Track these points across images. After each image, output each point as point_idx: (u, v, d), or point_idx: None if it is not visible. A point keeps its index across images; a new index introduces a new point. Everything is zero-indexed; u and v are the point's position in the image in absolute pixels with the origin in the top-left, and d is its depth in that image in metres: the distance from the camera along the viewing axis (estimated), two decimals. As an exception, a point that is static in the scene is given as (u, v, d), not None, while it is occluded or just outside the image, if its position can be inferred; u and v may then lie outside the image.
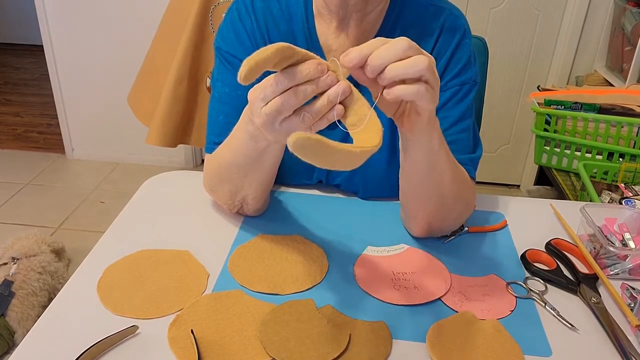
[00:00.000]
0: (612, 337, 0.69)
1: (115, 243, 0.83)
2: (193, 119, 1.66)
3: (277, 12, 0.88)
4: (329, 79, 0.57)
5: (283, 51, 0.54)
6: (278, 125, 0.60)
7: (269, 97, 0.59)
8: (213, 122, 0.90)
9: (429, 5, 0.88)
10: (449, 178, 0.77)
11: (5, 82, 3.88)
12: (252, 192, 0.84)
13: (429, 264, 0.81)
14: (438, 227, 0.85)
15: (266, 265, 0.80)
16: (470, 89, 0.88)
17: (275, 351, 0.64)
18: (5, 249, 1.81)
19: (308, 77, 0.56)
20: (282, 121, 0.60)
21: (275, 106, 0.58)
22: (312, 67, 0.56)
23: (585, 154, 1.85)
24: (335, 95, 0.57)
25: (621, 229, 0.88)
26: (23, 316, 1.65)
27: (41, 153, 2.96)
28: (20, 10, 4.34)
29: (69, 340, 0.65)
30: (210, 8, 1.55)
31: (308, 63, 0.56)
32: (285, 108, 0.58)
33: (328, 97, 0.57)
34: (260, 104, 0.60)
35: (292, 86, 0.57)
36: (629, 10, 2.10)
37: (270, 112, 0.59)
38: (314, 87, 0.57)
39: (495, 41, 2.43)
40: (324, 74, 0.57)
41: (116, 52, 2.64)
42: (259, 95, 0.60)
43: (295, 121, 0.58)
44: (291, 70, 0.56)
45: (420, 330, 0.69)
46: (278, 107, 0.58)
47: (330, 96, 0.57)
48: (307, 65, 0.56)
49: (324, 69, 0.57)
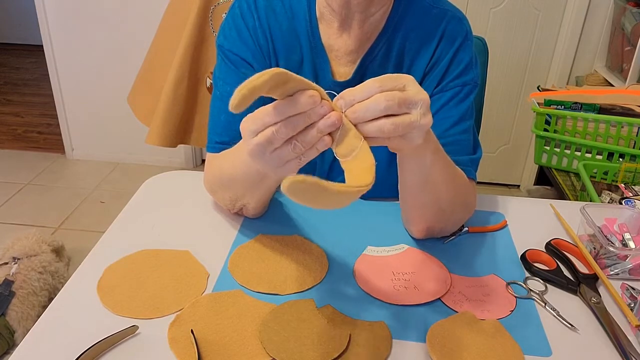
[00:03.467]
0: (612, 337, 0.69)
1: (115, 243, 0.83)
2: (193, 119, 1.66)
3: (279, 11, 0.88)
4: (322, 110, 0.56)
5: (277, 78, 0.53)
6: (269, 154, 0.60)
7: (259, 129, 0.58)
8: (215, 121, 0.90)
9: (432, 8, 0.88)
10: (445, 187, 0.77)
11: (5, 82, 3.87)
12: (254, 202, 0.85)
13: (429, 264, 0.81)
14: (438, 230, 0.85)
15: (266, 265, 0.80)
16: (471, 91, 0.88)
17: (275, 351, 0.64)
18: (6, 249, 1.81)
19: (300, 110, 0.56)
20: (272, 151, 0.59)
21: (265, 137, 0.58)
22: (305, 100, 0.55)
23: (585, 154, 1.85)
24: (324, 126, 0.56)
25: (621, 229, 0.88)
26: (23, 316, 1.65)
27: (41, 153, 2.96)
28: (20, 10, 4.34)
29: (69, 340, 0.66)
30: (210, 8, 1.55)
31: (301, 96, 0.55)
32: (276, 139, 0.58)
33: (318, 128, 0.57)
34: (251, 135, 0.60)
35: (284, 119, 0.57)
36: (629, 10, 2.10)
37: (260, 142, 0.58)
38: (306, 119, 0.56)
39: (495, 41, 2.43)
40: (317, 105, 0.56)
41: (116, 52, 2.64)
42: (250, 126, 0.60)
43: (286, 150, 0.58)
44: (284, 104, 0.56)
45: (420, 330, 0.69)
46: (269, 138, 0.58)
47: (320, 127, 0.56)
48: (300, 99, 0.55)
49: (317, 100, 0.56)
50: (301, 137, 0.57)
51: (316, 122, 0.56)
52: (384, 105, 0.55)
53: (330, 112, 0.56)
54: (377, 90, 0.56)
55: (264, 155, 0.60)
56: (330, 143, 0.58)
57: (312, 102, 0.55)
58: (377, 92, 0.56)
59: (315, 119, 0.56)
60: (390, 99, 0.56)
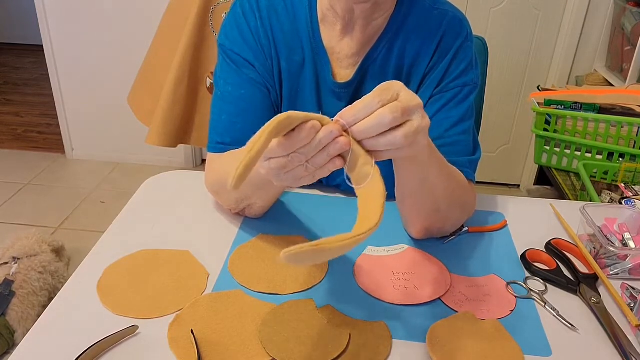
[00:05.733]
0: (612, 337, 0.69)
1: (115, 243, 0.83)
2: (193, 119, 1.65)
3: (282, 11, 0.88)
4: (330, 136, 0.57)
5: (276, 132, 0.54)
6: (283, 175, 0.61)
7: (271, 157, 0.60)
8: (216, 121, 0.89)
9: (432, 9, 0.88)
10: (442, 186, 0.77)
11: (5, 82, 3.87)
12: (261, 202, 0.85)
13: (429, 264, 0.81)
14: (436, 231, 0.85)
15: (266, 265, 0.80)
16: (471, 91, 0.88)
17: (275, 351, 0.64)
18: (6, 249, 1.81)
19: (305, 143, 0.57)
20: (286, 172, 0.61)
21: (278, 164, 0.59)
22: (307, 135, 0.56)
23: (585, 154, 1.85)
24: (334, 151, 0.58)
25: (621, 229, 0.88)
26: (23, 316, 1.65)
27: (41, 153, 2.96)
28: (20, 10, 4.34)
29: (69, 340, 0.66)
30: (210, 8, 1.55)
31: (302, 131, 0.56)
32: (288, 165, 0.59)
33: (328, 152, 0.58)
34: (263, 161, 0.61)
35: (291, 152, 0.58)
36: (629, 10, 2.10)
37: (274, 167, 0.60)
38: (315, 147, 0.57)
39: (495, 41, 2.43)
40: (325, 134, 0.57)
41: (116, 52, 2.64)
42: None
43: (300, 171, 0.60)
44: (287, 141, 0.57)
45: (420, 330, 0.69)
46: (282, 165, 0.59)
47: (330, 152, 0.58)
48: (302, 134, 0.56)
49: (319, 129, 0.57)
50: (312, 160, 0.59)
51: (326, 147, 0.58)
52: (390, 118, 0.56)
53: (338, 136, 0.57)
54: (378, 105, 0.57)
55: (278, 176, 0.61)
56: (341, 164, 0.59)
57: (314, 134, 0.56)
58: (378, 107, 0.57)
59: (325, 144, 0.57)
60: (395, 111, 0.56)
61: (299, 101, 0.91)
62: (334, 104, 0.90)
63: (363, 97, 0.58)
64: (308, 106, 0.91)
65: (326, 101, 0.91)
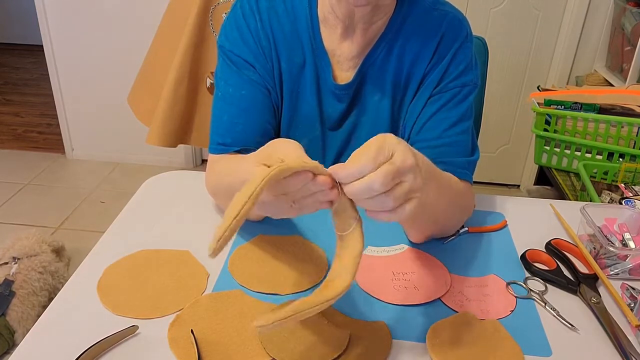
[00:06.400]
0: (612, 337, 0.69)
1: (115, 243, 0.83)
2: (193, 119, 1.65)
3: (282, 13, 0.88)
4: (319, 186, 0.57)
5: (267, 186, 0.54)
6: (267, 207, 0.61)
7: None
8: (217, 121, 0.89)
9: (432, 10, 0.88)
10: (441, 206, 0.76)
11: (5, 82, 3.87)
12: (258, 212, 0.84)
13: (429, 264, 0.81)
14: (437, 235, 0.86)
15: (266, 265, 0.80)
16: (470, 92, 0.88)
17: (275, 351, 0.64)
18: (6, 249, 1.81)
19: (295, 189, 0.57)
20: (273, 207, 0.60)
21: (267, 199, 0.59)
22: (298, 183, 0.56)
23: (585, 154, 1.85)
24: (323, 198, 0.58)
25: (621, 229, 0.88)
26: (23, 316, 1.65)
27: (41, 153, 2.96)
28: (20, 10, 4.34)
29: (69, 340, 0.66)
30: (210, 8, 1.55)
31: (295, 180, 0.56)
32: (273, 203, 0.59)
33: (316, 199, 0.58)
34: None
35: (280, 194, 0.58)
36: (629, 10, 2.10)
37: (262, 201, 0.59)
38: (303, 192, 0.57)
39: (495, 41, 2.43)
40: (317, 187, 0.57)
41: (116, 52, 2.64)
42: None
43: (286, 207, 0.59)
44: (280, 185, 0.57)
45: (420, 330, 0.69)
46: (267, 201, 0.59)
47: (319, 198, 0.58)
48: (292, 182, 0.56)
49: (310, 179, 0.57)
50: (299, 202, 0.59)
51: (315, 194, 0.58)
52: (380, 184, 0.54)
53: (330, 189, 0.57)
54: (371, 169, 0.55)
55: (262, 208, 0.60)
56: (328, 206, 0.59)
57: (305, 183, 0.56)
58: (371, 170, 0.55)
59: (314, 191, 0.57)
60: (386, 176, 0.55)
61: (299, 102, 0.91)
62: (334, 106, 0.90)
63: (358, 152, 0.56)
64: (308, 107, 0.91)
65: (326, 102, 0.91)
